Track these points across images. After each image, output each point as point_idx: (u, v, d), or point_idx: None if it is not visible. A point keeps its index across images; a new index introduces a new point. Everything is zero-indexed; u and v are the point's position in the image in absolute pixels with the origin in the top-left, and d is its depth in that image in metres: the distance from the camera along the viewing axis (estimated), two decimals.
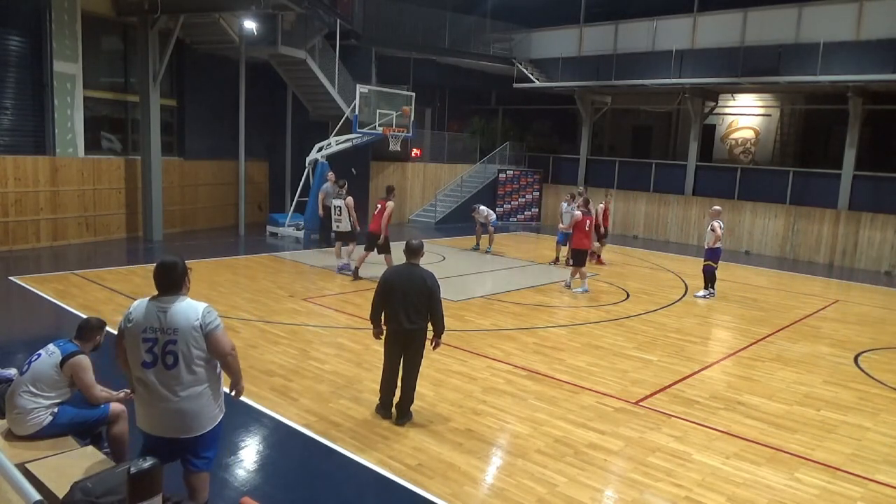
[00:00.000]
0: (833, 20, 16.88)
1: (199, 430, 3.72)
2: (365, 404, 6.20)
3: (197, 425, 3.70)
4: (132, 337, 3.62)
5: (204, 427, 3.73)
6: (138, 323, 3.62)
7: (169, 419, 3.65)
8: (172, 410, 3.62)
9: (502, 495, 4.73)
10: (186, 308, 3.64)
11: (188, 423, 3.67)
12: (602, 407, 6.50)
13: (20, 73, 13.04)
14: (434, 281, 5.77)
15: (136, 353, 3.62)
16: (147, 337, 3.58)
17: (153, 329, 3.59)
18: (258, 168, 19.31)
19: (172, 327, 3.58)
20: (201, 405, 3.69)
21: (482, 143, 23.94)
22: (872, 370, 8.24)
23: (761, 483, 5.10)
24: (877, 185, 17.16)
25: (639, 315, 10.46)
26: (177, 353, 3.58)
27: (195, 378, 3.64)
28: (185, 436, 3.69)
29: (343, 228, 12.41)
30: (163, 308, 3.62)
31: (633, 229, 21.38)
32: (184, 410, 3.63)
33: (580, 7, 21.28)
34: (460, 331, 8.84)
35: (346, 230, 12.37)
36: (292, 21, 16.85)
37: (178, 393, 3.60)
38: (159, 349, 3.58)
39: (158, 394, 3.61)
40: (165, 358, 3.58)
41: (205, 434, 3.75)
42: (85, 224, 14.35)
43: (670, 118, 24.96)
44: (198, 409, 3.68)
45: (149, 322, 3.60)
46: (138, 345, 3.60)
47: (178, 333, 3.58)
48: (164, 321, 3.59)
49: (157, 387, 3.60)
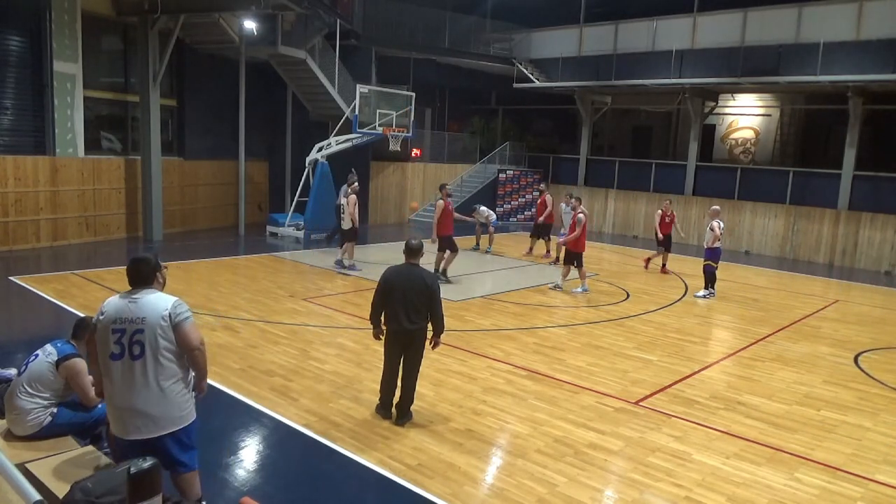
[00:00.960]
0: (833, 20, 16.88)
1: (169, 428, 3.66)
2: (365, 404, 6.20)
3: (166, 422, 3.64)
4: (103, 330, 3.63)
5: (174, 424, 3.68)
6: (109, 316, 3.63)
7: (137, 415, 3.60)
8: (139, 406, 3.58)
9: (502, 495, 4.73)
10: (156, 300, 3.66)
11: (156, 420, 3.62)
12: (602, 407, 6.50)
13: (20, 73, 13.04)
14: (434, 281, 5.78)
15: (105, 346, 3.62)
16: (116, 328, 3.59)
17: (122, 320, 3.60)
18: (258, 168, 19.31)
19: (140, 317, 3.59)
20: (169, 400, 3.64)
21: (482, 143, 23.95)
22: (872, 370, 8.24)
23: (761, 483, 5.10)
24: (877, 185, 17.17)
25: (639, 315, 10.46)
26: (143, 343, 3.57)
27: (163, 371, 3.61)
28: (155, 434, 3.63)
29: (345, 226, 12.42)
30: (133, 300, 3.65)
31: (633, 229, 21.38)
32: (150, 404, 3.59)
33: (580, 7, 21.28)
34: (460, 331, 8.84)
35: (346, 227, 12.40)
36: (292, 21, 16.86)
37: (144, 385, 3.57)
38: (127, 339, 3.58)
39: (125, 387, 3.58)
40: (132, 348, 3.58)
41: (176, 433, 3.69)
42: (85, 224, 14.35)
43: (670, 118, 24.97)
44: (165, 404, 3.63)
45: (119, 314, 3.62)
46: (108, 336, 3.60)
47: (145, 323, 3.57)
48: (132, 311, 3.61)
49: (123, 379, 3.59)
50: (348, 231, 12.46)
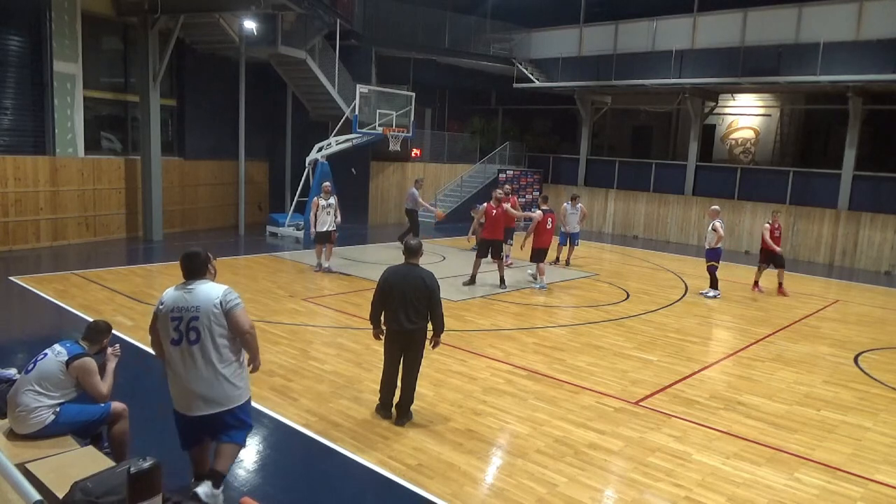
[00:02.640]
0: (833, 20, 16.87)
1: (225, 406, 4.10)
2: (365, 404, 6.20)
3: (223, 400, 4.09)
4: (163, 319, 4.08)
5: (230, 402, 4.12)
6: (168, 305, 4.08)
7: (193, 397, 4.05)
8: (198, 386, 4.03)
9: (502, 495, 4.73)
10: (208, 289, 4.11)
11: (214, 398, 4.07)
12: (602, 407, 6.50)
13: (20, 72, 13.04)
14: (433, 281, 5.76)
15: (166, 332, 4.07)
16: (174, 316, 4.05)
17: (179, 308, 4.05)
18: (258, 168, 19.31)
19: (195, 305, 4.04)
20: (224, 380, 4.08)
21: (482, 143, 23.93)
22: (872, 370, 8.24)
23: (761, 483, 5.10)
24: (877, 185, 17.16)
25: (639, 315, 10.46)
26: (199, 329, 4.02)
27: (218, 354, 4.06)
28: (212, 411, 4.07)
29: (329, 228, 12.17)
30: (188, 290, 4.10)
31: (634, 229, 21.38)
32: (208, 385, 4.04)
33: (580, 7, 21.28)
34: (460, 331, 8.84)
35: (320, 230, 12.11)
36: (292, 21, 16.86)
37: (201, 367, 4.02)
38: (184, 326, 4.03)
39: (185, 369, 4.04)
40: (189, 334, 4.03)
41: (233, 409, 4.14)
42: (85, 224, 14.35)
43: (670, 118, 24.96)
44: (221, 384, 4.07)
45: (176, 303, 4.07)
46: (167, 324, 4.06)
47: (199, 311, 4.03)
48: (187, 300, 4.06)
49: (183, 362, 4.04)
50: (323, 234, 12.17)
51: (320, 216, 12.06)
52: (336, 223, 12.28)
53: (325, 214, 12.08)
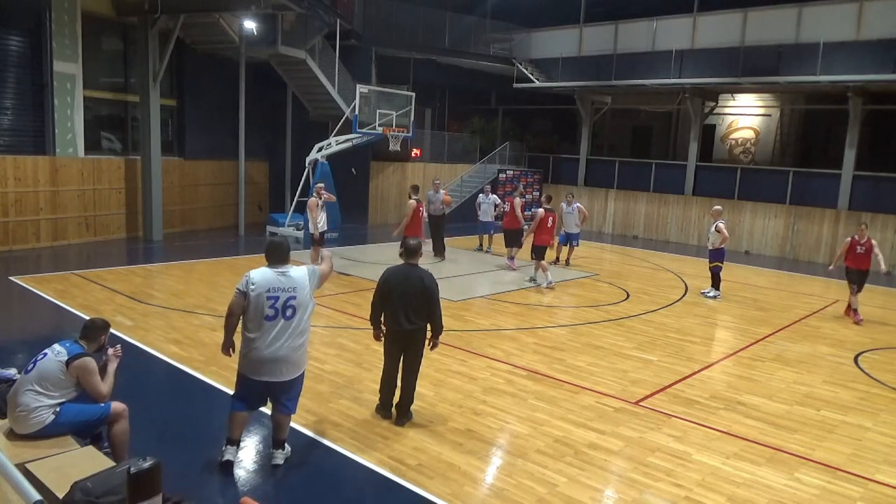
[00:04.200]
0: (833, 20, 16.87)
1: (296, 373, 4.89)
2: (365, 404, 6.20)
3: (296, 369, 4.88)
4: (257, 297, 4.69)
5: (299, 370, 4.93)
6: (261, 285, 4.71)
7: (278, 364, 4.74)
8: (286, 355, 4.74)
9: (502, 495, 4.73)
10: (299, 270, 4.89)
11: (291, 367, 4.82)
12: (602, 407, 6.50)
13: (20, 73, 13.04)
14: (432, 281, 5.75)
15: (259, 310, 4.69)
16: (271, 295, 4.71)
17: (275, 289, 4.72)
18: (258, 168, 19.31)
19: (292, 286, 4.77)
20: (303, 352, 4.92)
21: (482, 143, 23.93)
22: (872, 370, 8.24)
23: (761, 483, 5.10)
24: (877, 185, 17.16)
25: (639, 315, 10.46)
26: (296, 307, 4.77)
27: (304, 329, 4.85)
28: (285, 378, 4.81)
29: (310, 230, 11.93)
30: (283, 273, 4.80)
31: (634, 229, 21.39)
32: (290, 355, 4.77)
33: (580, 7, 21.28)
34: (460, 331, 8.84)
35: (311, 232, 11.92)
36: (292, 21, 16.85)
37: (291, 341, 4.75)
38: (280, 304, 4.71)
39: (276, 341, 4.70)
40: (286, 311, 4.74)
41: (298, 377, 4.93)
42: (85, 224, 14.35)
43: (670, 118, 24.96)
44: (300, 355, 4.88)
45: (272, 283, 4.73)
46: (262, 303, 4.69)
47: (296, 291, 4.77)
48: (283, 282, 4.76)
49: (273, 336, 4.70)
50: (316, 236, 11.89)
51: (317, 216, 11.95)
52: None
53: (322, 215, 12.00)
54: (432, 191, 14.70)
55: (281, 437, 5.02)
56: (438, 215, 14.58)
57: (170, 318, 8.84)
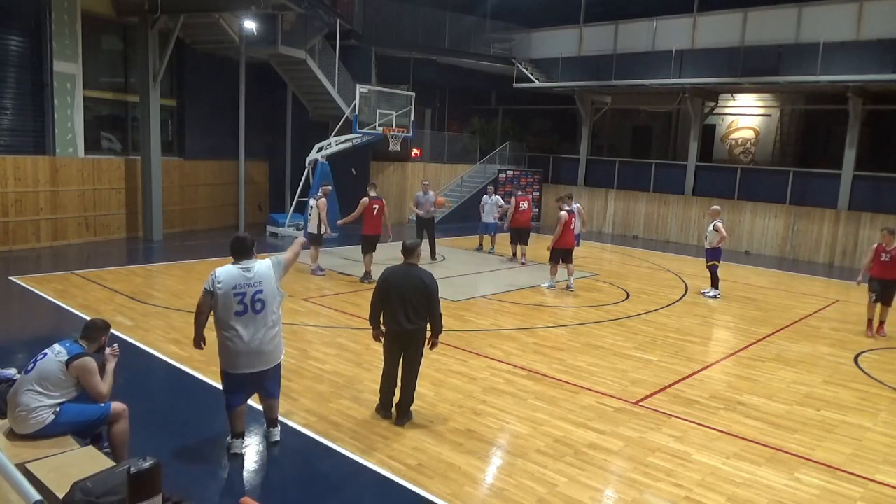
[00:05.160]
0: (833, 20, 16.87)
1: (275, 362, 5.05)
2: (365, 404, 6.20)
3: (274, 358, 5.02)
4: (224, 295, 4.77)
5: (277, 359, 5.08)
6: (227, 283, 4.78)
7: (256, 357, 4.87)
8: (262, 346, 4.86)
9: (502, 495, 4.73)
10: (262, 264, 4.94)
11: (269, 357, 4.96)
12: (602, 407, 6.50)
13: (20, 73, 13.04)
14: (432, 281, 5.75)
15: (228, 307, 4.78)
16: (238, 291, 4.79)
17: (241, 285, 4.80)
18: (258, 168, 19.31)
19: (258, 280, 4.85)
20: (278, 342, 5.03)
21: (482, 143, 23.93)
22: (872, 370, 8.24)
23: (761, 483, 5.10)
24: (877, 185, 17.16)
25: (639, 315, 10.46)
26: (264, 301, 4.85)
27: (276, 320, 4.95)
28: (266, 367, 4.96)
29: (310, 230, 11.88)
30: (247, 268, 4.87)
31: (633, 229, 21.39)
32: (266, 346, 4.89)
33: (580, 7, 21.28)
34: (460, 331, 8.84)
35: (311, 232, 11.83)
36: (292, 21, 16.85)
37: (264, 333, 4.85)
38: (248, 300, 4.80)
39: (249, 335, 4.80)
40: (255, 305, 4.82)
41: (277, 365, 5.10)
42: (85, 224, 14.35)
43: (670, 118, 24.96)
44: (276, 345, 5.00)
45: (237, 280, 4.80)
46: (230, 300, 4.77)
47: (262, 284, 4.85)
48: (250, 277, 4.83)
49: (246, 331, 4.80)
50: (313, 237, 11.79)
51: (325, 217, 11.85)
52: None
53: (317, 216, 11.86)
54: (421, 192, 14.24)
55: (273, 417, 5.31)
56: (428, 217, 14.18)
57: (170, 318, 8.84)
